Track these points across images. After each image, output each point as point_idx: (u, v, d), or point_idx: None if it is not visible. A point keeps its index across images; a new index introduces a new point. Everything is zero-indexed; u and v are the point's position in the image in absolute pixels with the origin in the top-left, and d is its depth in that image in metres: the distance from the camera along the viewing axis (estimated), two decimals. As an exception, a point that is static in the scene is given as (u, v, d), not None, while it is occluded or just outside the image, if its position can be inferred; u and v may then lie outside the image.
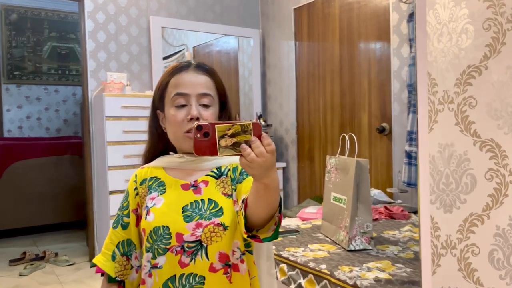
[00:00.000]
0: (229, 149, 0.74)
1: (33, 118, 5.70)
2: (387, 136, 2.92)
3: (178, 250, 0.92)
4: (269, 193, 0.80)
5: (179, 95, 0.98)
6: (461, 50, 0.73)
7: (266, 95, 4.10)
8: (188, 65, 1.02)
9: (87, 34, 3.26)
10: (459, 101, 0.73)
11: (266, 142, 0.74)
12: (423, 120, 0.73)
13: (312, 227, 2.17)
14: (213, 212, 0.95)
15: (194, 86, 0.99)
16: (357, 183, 1.78)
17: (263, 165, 0.74)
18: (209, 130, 0.74)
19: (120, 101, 3.00)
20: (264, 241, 0.88)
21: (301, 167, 3.74)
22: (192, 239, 0.93)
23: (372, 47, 3.02)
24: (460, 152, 0.73)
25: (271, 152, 0.74)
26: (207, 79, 1.01)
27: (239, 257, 0.96)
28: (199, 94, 0.98)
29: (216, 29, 3.87)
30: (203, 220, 0.94)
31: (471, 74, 0.72)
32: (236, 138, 0.73)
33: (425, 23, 0.71)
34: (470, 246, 0.73)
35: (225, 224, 0.94)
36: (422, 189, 0.72)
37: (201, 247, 0.92)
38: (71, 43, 5.80)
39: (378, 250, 1.73)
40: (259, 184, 0.79)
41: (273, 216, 0.85)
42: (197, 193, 0.98)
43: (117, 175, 2.96)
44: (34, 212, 4.15)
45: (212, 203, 0.96)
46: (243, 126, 0.73)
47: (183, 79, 1.00)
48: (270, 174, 0.77)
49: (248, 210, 0.86)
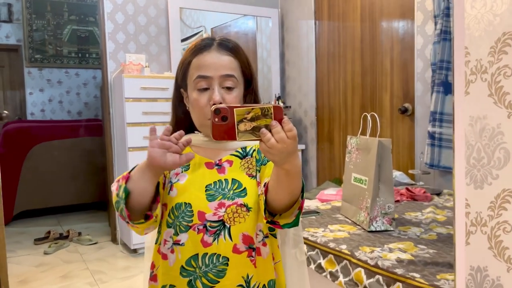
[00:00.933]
0: (249, 133, 0.71)
1: (55, 101, 5.80)
2: (409, 117, 2.85)
3: (200, 229, 0.90)
4: (291, 179, 0.77)
5: (201, 77, 0.94)
6: (496, 16, 0.69)
7: (285, 77, 4.05)
8: (211, 43, 0.97)
9: (106, 16, 3.25)
10: (493, 70, 0.69)
11: (288, 127, 0.70)
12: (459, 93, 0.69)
13: (331, 208, 2.15)
14: (237, 193, 0.93)
15: (217, 68, 0.94)
16: (378, 163, 1.74)
17: (284, 151, 0.71)
18: (228, 114, 0.70)
19: (139, 83, 3.01)
20: (284, 227, 0.86)
21: (320, 149, 3.70)
22: (214, 219, 0.91)
23: (395, 25, 2.93)
24: (493, 125, 0.69)
25: (292, 138, 0.71)
26: (231, 59, 0.96)
27: (261, 240, 0.94)
28: (221, 76, 0.94)
29: (234, 9, 3.82)
30: (226, 200, 0.92)
31: (507, 42, 0.68)
32: (256, 122, 0.70)
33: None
34: (501, 223, 0.69)
35: (248, 205, 0.91)
36: (457, 170, 0.69)
37: (224, 227, 0.90)
38: (90, 26, 5.83)
39: (400, 231, 1.69)
40: (279, 170, 0.76)
41: (295, 202, 0.83)
42: (221, 173, 0.96)
43: (137, 156, 2.99)
44: (58, 193, 4.24)
45: (236, 183, 0.94)
46: (264, 109, 0.70)
47: (205, 60, 0.94)
48: (291, 160, 0.73)
49: (269, 195, 0.83)
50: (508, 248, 0.69)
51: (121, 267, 2.90)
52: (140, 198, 0.87)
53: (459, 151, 0.69)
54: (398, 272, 1.28)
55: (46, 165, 4.16)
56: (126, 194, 0.85)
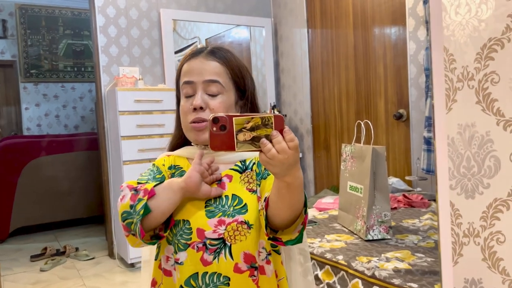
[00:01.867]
0: (248, 144, 0.68)
1: (51, 116, 5.78)
2: (404, 123, 2.84)
3: (200, 247, 0.87)
4: (292, 193, 0.74)
5: (186, 83, 0.93)
6: (481, 22, 0.67)
7: (279, 85, 4.04)
8: (201, 51, 0.95)
9: (98, 29, 3.25)
10: (480, 77, 0.67)
11: (289, 137, 0.67)
12: (439, 99, 0.67)
13: (329, 217, 2.12)
14: (237, 209, 0.89)
15: (200, 73, 0.92)
16: (373, 171, 1.72)
17: (285, 163, 0.68)
18: (226, 123, 0.67)
19: (133, 95, 2.99)
20: (287, 244, 0.82)
21: (317, 157, 3.68)
22: (214, 236, 0.87)
23: (387, 31, 2.93)
24: (482, 132, 0.67)
25: (294, 148, 0.67)
26: (216, 64, 0.93)
27: (265, 258, 0.90)
28: (205, 82, 0.91)
29: (228, 19, 3.82)
30: (226, 217, 0.88)
31: (493, 48, 0.67)
32: (256, 132, 0.67)
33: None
34: (495, 233, 0.67)
35: (249, 223, 0.88)
36: (440, 175, 0.67)
37: (224, 246, 0.87)
38: (85, 39, 5.84)
39: (397, 240, 1.67)
40: (280, 182, 0.73)
41: (297, 218, 0.79)
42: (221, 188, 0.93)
43: (132, 169, 2.97)
44: (54, 208, 4.21)
45: (236, 199, 0.90)
46: (264, 119, 0.67)
47: (191, 66, 0.94)
48: (293, 172, 0.70)
49: (269, 210, 0.80)
50: (502, 259, 0.67)
51: (118, 282, 2.86)
52: (160, 219, 0.84)
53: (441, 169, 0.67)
54: (396, 283, 1.26)
55: (42, 180, 4.13)
56: (146, 212, 0.81)
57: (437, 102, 0.68)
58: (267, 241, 0.86)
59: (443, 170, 0.66)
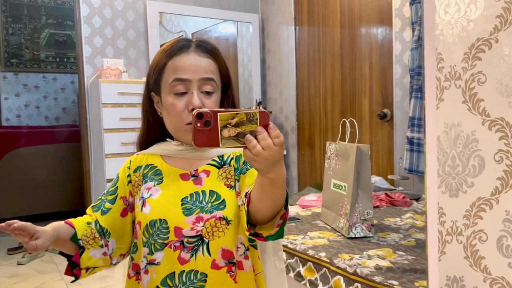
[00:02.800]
0: (233, 140, 0.66)
1: (32, 107, 5.65)
2: (388, 122, 2.87)
3: (177, 246, 0.86)
4: (275, 189, 0.73)
5: (178, 80, 0.88)
6: (470, 22, 0.68)
7: (265, 82, 4.04)
8: (188, 44, 0.91)
9: (82, 19, 3.19)
10: (467, 77, 0.68)
11: (274, 133, 0.66)
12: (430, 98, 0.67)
13: (312, 214, 2.13)
14: (215, 205, 0.87)
15: (196, 71, 0.88)
16: (357, 169, 1.73)
17: (269, 159, 0.66)
18: (211, 118, 0.66)
19: (116, 88, 2.95)
20: (268, 239, 0.81)
21: (301, 155, 3.69)
22: (192, 234, 0.86)
23: (374, 31, 2.95)
24: (467, 132, 0.68)
25: (279, 145, 0.66)
26: (210, 61, 0.91)
27: (243, 253, 0.89)
28: (201, 80, 0.88)
29: (215, 14, 3.80)
30: (204, 214, 0.86)
31: (480, 48, 0.67)
32: (241, 128, 0.66)
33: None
34: (477, 232, 0.68)
35: (227, 218, 0.87)
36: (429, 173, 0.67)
37: (202, 243, 0.86)
38: (69, 30, 5.72)
39: (379, 238, 1.69)
40: (264, 178, 0.72)
41: (278, 213, 0.78)
42: (197, 184, 0.91)
43: (114, 162, 2.92)
44: (33, 201, 4.13)
45: (214, 195, 0.89)
46: (249, 114, 0.66)
47: (183, 62, 0.89)
48: (277, 168, 0.69)
49: (251, 206, 0.79)
50: (484, 258, 0.68)
51: (97, 276, 2.82)
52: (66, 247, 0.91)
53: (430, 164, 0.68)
54: (377, 280, 1.27)
55: (20, 172, 4.04)
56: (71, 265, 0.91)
57: (427, 101, 0.68)
58: (247, 236, 0.86)
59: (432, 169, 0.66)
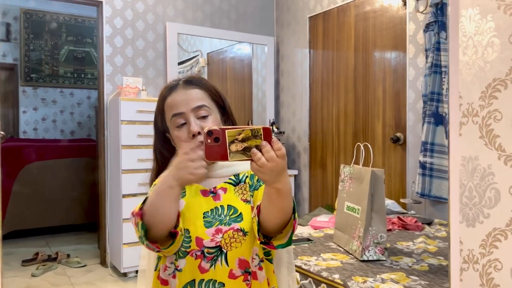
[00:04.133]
0: (240, 154, 0.75)
1: (49, 120, 5.79)
2: (401, 146, 2.90)
3: (198, 255, 0.93)
4: (281, 198, 0.81)
5: (175, 115, 0.99)
6: (487, 63, 0.73)
7: (279, 102, 4.11)
8: (176, 84, 1.03)
9: (105, 39, 3.30)
10: (483, 114, 0.73)
11: (277, 146, 0.75)
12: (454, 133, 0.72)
13: (324, 236, 2.16)
14: (233, 218, 0.96)
15: (187, 103, 0.98)
16: (371, 193, 1.77)
17: (274, 170, 0.75)
18: (220, 135, 0.74)
19: (135, 106, 3.03)
20: (278, 247, 0.89)
21: (313, 175, 3.73)
22: (212, 245, 0.93)
23: (388, 56, 3.02)
24: (484, 165, 0.72)
25: (281, 156, 0.75)
26: (197, 91, 1.01)
27: (257, 264, 0.96)
28: (194, 109, 0.98)
29: (231, 36, 3.90)
30: (223, 226, 0.95)
31: (497, 88, 0.72)
32: (247, 143, 0.74)
33: (457, 34, 0.71)
34: (493, 261, 0.72)
35: (244, 230, 0.94)
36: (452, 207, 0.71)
37: (221, 253, 0.93)
38: (87, 47, 5.89)
39: (392, 261, 1.71)
40: (270, 189, 0.80)
41: (287, 222, 0.86)
42: (216, 200, 0.99)
43: (130, 178, 2.99)
44: (47, 213, 4.19)
45: (232, 209, 0.97)
46: (254, 130, 0.74)
47: (175, 99, 1.00)
48: (282, 178, 0.78)
49: (261, 216, 0.87)
50: (499, 286, 0.71)
51: None
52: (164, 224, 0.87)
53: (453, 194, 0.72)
54: (391, 304, 1.29)
55: (36, 185, 4.12)
56: (144, 231, 0.86)
57: (452, 136, 0.73)
58: (260, 248, 0.94)
59: (455, 199, 0.71)
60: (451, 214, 0.72)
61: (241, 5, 3.94)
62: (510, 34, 0.71)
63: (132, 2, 3.41)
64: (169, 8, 3.58)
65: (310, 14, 3.69)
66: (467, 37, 0.74)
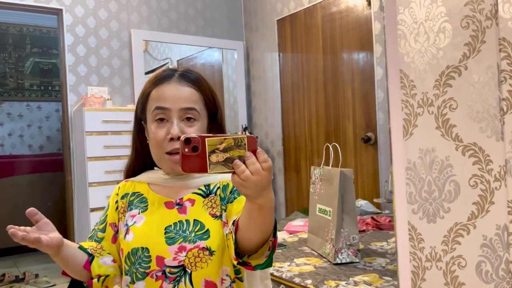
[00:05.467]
0: (221, 165, 0.65)
1: (15, 135, 5.58)
2: (372, 146, 2.90)
3: (159, 276, 0.84)
4: (263, 215, 0.72)
5: (158, 109, 0.90)
6: (439, 50, 0.70)
7: (251, 107, 4.07)
8: (171, 74, 0.93)
9: (66, 48, 3.19)
10: (439, 103, 0.69)
11: (262, 158, 0.66)
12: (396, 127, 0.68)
13: (298, 240, 2.11)
14: (199, 235, 0.86)
15: (176, 100, 0.89)
16: (341, 194, 1.73)
17: (258, 184, 0.66)
18: (199, 144, 0.65)
19: (100, 116, 2.93)
20: (256, 268, 0.79)
21: (288, 179, 3.69)
22: (174, 264, 0.84)
23: (355, 56, 3.01)
24: (442, 157, 0.69)
25: (267, 169, 0.66)
26: (192, 91, 0.92)
27: (228, 286, 0.87)
28: (181, 109, 0.89)
29: (199, 41, 3.84)
30: (187, 243, 0.85)
31: (451, 75, 0.69)
32: (229, 153, 0.65)
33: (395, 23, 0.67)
34: (456, 258, 0.68)
35: (211, 249, 0.85)
36: (397, 200, 0.67)
37: (184, 273, 0.84)
38: (54, 58, 5.72)
39: (365, 263, 1.67)
40: (252, 204, 0.70)
41: (266, 241, 0.77)
42: (182, 213, 0.90)
43: (98, 191, 2.88)
44: (14, 232, 4.01)
45: (198, 225, 0.88)
46: (237, 140, 0.65)
47: (164, 91, 0.90)
48: (266, 193, 0.68)
49: (239, 233, 0.77)
50: (464, 284, 0.68)
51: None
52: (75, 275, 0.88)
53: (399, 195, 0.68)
54: (363, 307, 1.25)
55: (2, 202, 3.95)
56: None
57: (393, 128, 0.69)
58: (236, 265, 0.84)
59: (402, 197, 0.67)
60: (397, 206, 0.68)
61: (207, 10, 3.89)
62: (461, 18, 0.68)
63: (94, 10, 3.31)
64: (133, 15, 3.50)
65: (278, 17, 3.68)
66: (418, 23, 0.70)
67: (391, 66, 0.68)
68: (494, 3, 0.64)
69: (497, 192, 0.65)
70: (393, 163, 0.69)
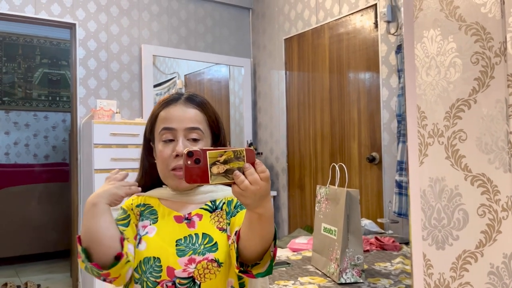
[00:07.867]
0: (222, 176, 0.70)
1: (21, 145, 5.62)
2: (377, 166, 2.92)
3: (169, 286, 0.88)
4: (263, 224, 0.76)
5: (166, 129, 0.96)
6: (450, 84, 0.73)
7: (256, 123, 4.10)
8: (178, 97, 1.00)
9: (78, 61, 3.25)
10: (449, 134, 0.72)
11: (260, 168, 0.71)
12: (413, 154, 0.71)
13: (302, 258, 2.12)
14: (208, 247, 0.91)
15: (181, 121, 0.96)
16: (347, 214, 1.75)
17: (257, 193, 0.71)
18: (200, 156, 0.70)
19: (109, 128, 2.97)
20: (257, 276, 0.84)
21: (291, 196, 3.70)
22: (184, 275, 0.88)
23: (361, 77, 3.06)
24: (451, 186, 0.71)
25: (265, 179, 0.71)
26: (197, 112, 0.98)
27: None
28: (186, 129, 0.96)
29: (207, 58, 3.90)
30: (197, 256, 0.89)
31: (460, 108, 0.72)
32: (229, 164, 0.70)
33: (413, 56, 0.70)
34: (464, 285, 0.70)
35: (219, 261, 0.89)
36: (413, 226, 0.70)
37: (193, 285, 0.88)
38: (63, 69, 5.80)
39: (370, 283, 1.68)
40: (252, 214, 0.75)
41: (267, 250, 0.81)
42: (190, 227, 0.95)
43: (103, 203, 2.90)
44: (18, 241, 4.03)
45: (207, 238, 0.92)
46: (236, 152, 0.70)
47: (171, 113, 0.97)
48: (264, 203, 0.73)
49: (241, 243, 0.81)
50: (471, 310, 0.69)
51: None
52: (102, 245, 0.83)
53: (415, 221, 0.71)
54: (368, 329, 1.26)
55: (7, 211, 3.97)
56: (85, 254, 0.83)
57: (411, 157, 0.72)
58: (238, 278, 0.90)
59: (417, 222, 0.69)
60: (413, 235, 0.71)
61: (216, 27, 3.96)
62: (471, 54, 0.71)
63: (106, 25, 3.38)
64: (144, 31, 3.57)
65: (286, 36, 3.74)
66: (429, 58, 0.74)
67: (409, 98, 0.71)
68: (503, 41, 0.68)
69: (504, 221, 0.67)
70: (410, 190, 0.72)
